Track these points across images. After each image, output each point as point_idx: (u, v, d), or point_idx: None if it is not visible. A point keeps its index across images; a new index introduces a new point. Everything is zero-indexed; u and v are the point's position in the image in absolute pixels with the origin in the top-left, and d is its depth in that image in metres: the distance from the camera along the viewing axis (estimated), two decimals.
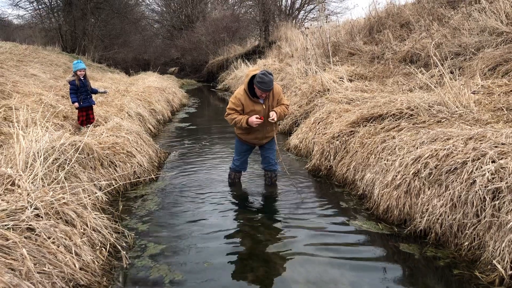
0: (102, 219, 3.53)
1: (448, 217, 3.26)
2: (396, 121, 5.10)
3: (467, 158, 3.35)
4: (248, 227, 3.92)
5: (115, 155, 5.35)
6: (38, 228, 2.80)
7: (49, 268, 2.55)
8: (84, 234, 3.15)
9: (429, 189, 3.52)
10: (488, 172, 3.10)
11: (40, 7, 25.62)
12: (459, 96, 4.90)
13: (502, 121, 4.26)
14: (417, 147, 3.99)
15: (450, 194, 3.28)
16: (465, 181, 3.22)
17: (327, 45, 11.43)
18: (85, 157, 4.78)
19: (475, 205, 3.07)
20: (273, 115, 4.41)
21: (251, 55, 23.78)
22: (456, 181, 3.30)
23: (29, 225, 2.79)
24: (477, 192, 3.07)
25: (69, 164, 4.30)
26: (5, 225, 2.68)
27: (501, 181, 2.99)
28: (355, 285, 2.88)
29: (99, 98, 9.18)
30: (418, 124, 4.75)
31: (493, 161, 3.19)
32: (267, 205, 4.58)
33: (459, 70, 6.72)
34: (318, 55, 11.50)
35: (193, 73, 33.50)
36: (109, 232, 3.43)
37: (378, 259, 3.23)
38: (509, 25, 7.16)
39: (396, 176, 3.88)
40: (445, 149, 3.60)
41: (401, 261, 3.19)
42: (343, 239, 3.59)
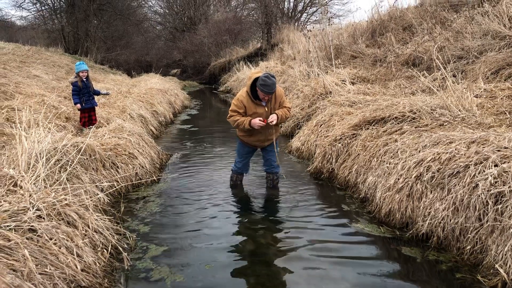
0: (103, 220, 3.53)
1: (450, 220, 3.25)
2: (398, 124, 5.10)
3: (470, 161, 3.34)
4: (249, 229, 3.92)
5: (117, 157, 5.36)
6: (40, 229, 2.80)
7: (50, 269, 2.55)
8: (85, 235, 3.15)
9: (431, 192, 3.51)
10: (490, 176, 3.09)
11: (43, 8, 25.72)
12: (461, 99, 4.90)
13: (505, 124, 4.25)
14: (420, 151, 3.98)
15: (452, 197, 3.27)
16: (468, 185, 3.21)
17: (330, 47, 11.44)
18: (87, 159, 4.79)
19: (477, 209, 3.07)
20: (273, 118, 4.41)
21: (253, 58, 23.81)
22: (458, 184, 3.29)
23: (31, 226, 2.79)
24: (479, 196, 3.07)
25: (71, 165, 4.30)
26: (7, 226, 2.69)
27: (504, 185, 2.98)
28: None
29: (101, 99, 9.19)
30: (420, 127, 4.75)
31: (496, 165, 3.19)
32: (268, 207, 4.58)
33: (461, 73, 6.71)
34: (320, 57, 11.51)
35: (195, 75, 33.55)
36: (110, 233, 3.43)
37: (380, 262, 3.22)
38: None
39: (398, 179, 3.88)
40: (448, 153, 3.59)
41: (403, 265, 3.18)
42: (345, 242, 3.58)
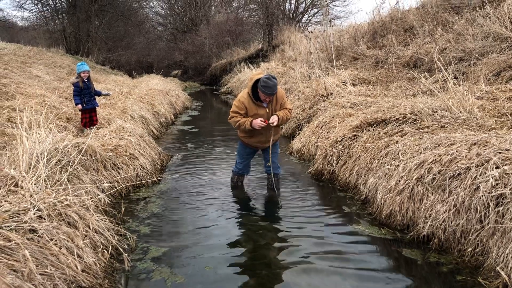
0: (104, 221, 3.54)
1: (451, 222, 3.24)
2: (399, 126, 5.09)
3: (471, 163, 3.34)
4: (250, 231, 3.91)
5: (117, 157, 5.36)
6: (40, 229, 2.80)
7: (51, 269, 2.55)
8: (86, 236, 3.15)
9: (432, 194, 3.51)
10: (492, 178, 3.08)
11: (44, 9, 25.72)
12: (463, 101, 4.89)
13: (506, 127, 4.24)
14: (421, 152, 3.97)
15: (453, 199, 3.27)
16: (469, 187, 3.20)
17: (331, 49, 11.45)
18: (88, 159, 4.79)
19: (478, 211, 3.06)
20: (274, 119, 4.41)
21: (255, 59, 23.82)
22: (459, 186, 3.29)
23: (32, 227, 2.79)
24: (480, 198, 3.06)
25: (72, 166, 4.31)
26: (8, 226, 2.69)
27: (505, 187, 2.98)
28: None
29: (102, 100, 9.20)
30: (421, 129, 4.74)
31: (497, 167, 3.18)
32: (269, 208, 4.57)
33: (463, 75, 6.71)
34: (321, 59, 11.51)
35: (196, 76, 33.58)
36: (111, 234, 3.43)
37: (380, 264, 3.22)
38: None
39: (399, 181, 3.87)
40: (449, 155, 3.59)
41: (403, 267, 3.17)
42: (345, 244, 3.57)
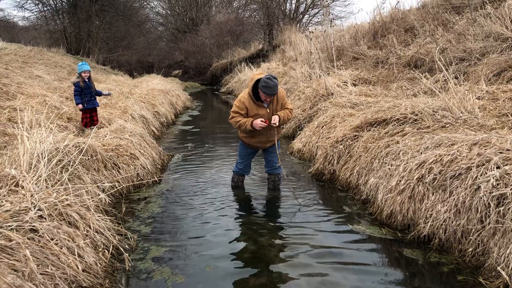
0: (105, 221, 3.54)
1: (452, 222, 3.24)
2: (400, 126, 5.09)
3: (472, 163, 3.34)
4: (251, 231, 3.91)
5: (118, 157, 5.37)
6: (41, 229, 2.80)
7: (51, 269, 2.55)
8: (87, 235, 3.16)
9: (433, 194, 3.51)
10: (492, 178, 3.08)
11: (45, 9, 25.76)
12: (463, 101, 4.89)
13: (507, 127, 4.24)
14: (421, 152, 3.97)
15: (454, 199, 3.27)
16: (470, 187, 3.20)
17: (331, 49, 11.44)
18: (88, 159, 4.79)
19: (479, 211, 3.06)
20: (275, 119, 4.41)
21: (255, 59, 23.81)
22: (460, 186, 3.28)
23: (33, 226, 2.79)
24: (481, 198, 3.06)
25: (72, 165, 4.31)
26: (9, 226, 2.69)
27: (506, 187, 2.97)
28: None
29: (103, 100, 9.20)
30: (422, 129, 4.74)
31: (498, 167, 3.18)
32: (270, 208, 4.58)
33: (463, 75, 6.70)
34: (322, 59, 11.51)
35: (197, 76, 33.58)
36: (112, 234, 3.43)
37: (381, 264, 3.22)
38: None
39: (400, 181, 3.87)
40: (450, 155, 3.58)
41: (404, 267, 3.17)
42: (346, 244, 3.57)
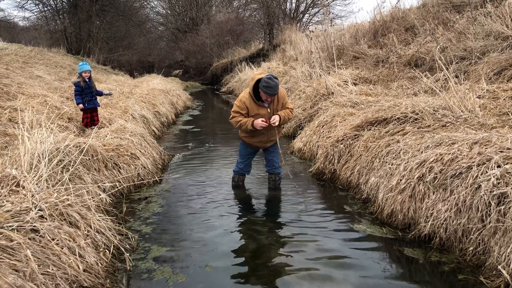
0: (106, 221, 3.54)
1: (452, 221, 3.24)
2: (400, 125, 5.09)
3: (472, 162, 3.33)
4: (251, 230, 3.91)
5: (119, 157, 5.37)
6: (42, 229, 2.80)
7: (52, 269, 2.55)
8: (88, 235, 3.16)
9: (433, 193, 3.51)
10: (493, 177, 3.08)
11: (45, 9, 25.75)
12: (464, 100, 4.89)
13: (507, 125, 4.24)
14: (422, 151, 3.97)
15: (455, 198, 3.26)
16: (470, 186, 3.20)
17: (332, 48, 11.44)
18: (89, 159, 4.79)
19: (480, 210, 3.06)
20: (275, 119, 4.41)
21: (256, 58, 23.82)
22: (461, 185, 3.28)
23: (33, 226, 2.80)
24: (482, 197, 3.06)
25: (73, 165, 4.31)
26: (10, 226, 2.69)
27: (506, 186, 2.97)
28: None
29: (103, 100, 9.21)
30: (423, 128, 4.74)
31: (499, 166, 3.18)
32: (270, 208, 4.58)
33: (464, 74, 6.70)
34: (322, 58, 11.50)
35: (197, 76, 33.57)
36: (112, 234, 3.43)
37: (382, 263, 3.22)
38: None
39: (400, 180, 3.87)
40: (450, 154, 3.58)
41: (405, 266, 3.17)
42: (347, 243, 3.57)
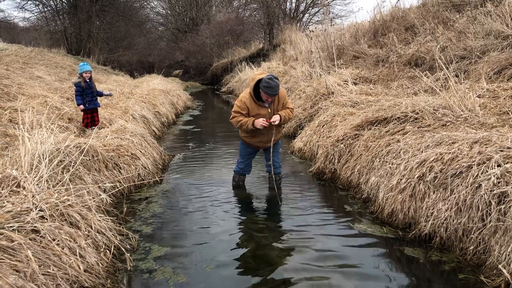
0: (106, 221, 3.54)
1: (453, 221, 3.24)
2: (401, 124, 5.09)
3: (473, 162, 3.33)
4: (252, 230, 3.92)
5: (119, 157, 5.37)
6: (43, 229, 2.81)
7: (53, 269, 2.56)
8: (88, 236, 3.16)
9: (434, 193, 3.51)
10: (493, 176, 3.08)
11: (45, 9, 25.80)
12: (464, 99, 4.89)
13: (507, 125, 4.24)
14: (422, 151, 3.97)
15: (455, 198, 3.26)
16: (471, 185, 3.20)
17: (332, 48, 11.44)
18: (89, 159, 4.80)
19: (480, 209, 3.06)
20: (276, 118, 4.42)
21: (256, 58, 23.81)
22: (461, 185, 3.28)
23: (34, 227, 2.80)
24: (482, 196, 3.06)
25: (74, 166, 4.31)
26: (10, 227, 2.69)
27: (507, 185, 2.97)
28: None
29: (103, 100, 9.22)
30: (423, 127, 4.74)
31: (499, 165, 3.18)
32: (271, 208, 4.58)
33: (464, 73, 6.70)
34: (322, 58, 11.50)
35: (198, 76, 33.57)
36: (113, 234, 3.44)
37: (382, 263, 3.22)
38: None
39: (401, 179, 3.87)
40: (450, 153, 3.58)
41: (405, 265, 3.17)
42: (347, 243, 3.58)
